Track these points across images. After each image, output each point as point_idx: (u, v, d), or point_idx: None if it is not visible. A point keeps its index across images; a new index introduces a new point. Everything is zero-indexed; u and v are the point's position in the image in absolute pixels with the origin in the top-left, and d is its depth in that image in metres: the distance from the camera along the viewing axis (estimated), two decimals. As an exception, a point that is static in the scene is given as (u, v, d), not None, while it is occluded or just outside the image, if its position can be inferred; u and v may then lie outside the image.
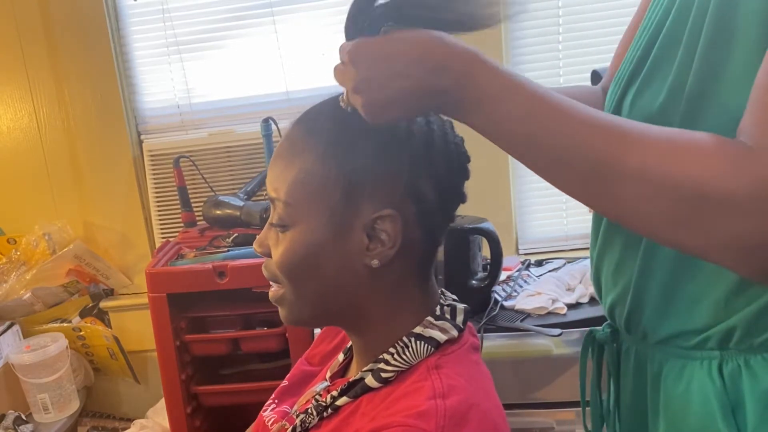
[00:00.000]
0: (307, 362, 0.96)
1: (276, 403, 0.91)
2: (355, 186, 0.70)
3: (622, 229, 0.80)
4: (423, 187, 0.72)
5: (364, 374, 0.75)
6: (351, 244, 0.71)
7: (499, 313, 1.77)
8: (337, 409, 0.77)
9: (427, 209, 0.73)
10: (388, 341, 0.75)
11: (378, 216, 0.70)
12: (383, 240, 0.71)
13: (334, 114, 0.72)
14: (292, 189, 0.72)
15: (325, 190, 0.71)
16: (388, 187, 0.71)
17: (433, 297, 0.79)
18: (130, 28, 2.25)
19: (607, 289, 0.86)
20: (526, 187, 2.26)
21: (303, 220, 0.72)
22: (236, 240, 1.91)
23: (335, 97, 0.75)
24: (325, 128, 0.72)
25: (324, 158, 0.71)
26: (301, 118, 0.75)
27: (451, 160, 0.75)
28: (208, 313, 1.85)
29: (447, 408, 0.67)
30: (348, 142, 0.71)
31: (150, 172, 2.27)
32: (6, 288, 2.16)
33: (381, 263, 0.72)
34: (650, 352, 0.82)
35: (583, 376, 0.98)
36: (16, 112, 2.29)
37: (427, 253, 0.77)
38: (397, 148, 0.71)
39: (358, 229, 0.71)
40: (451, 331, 0.75)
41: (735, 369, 0.73)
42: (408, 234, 0.72)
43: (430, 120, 0.74)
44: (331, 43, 2.18)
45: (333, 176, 0.70)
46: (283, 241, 0.73)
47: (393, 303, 0.75)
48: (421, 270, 0.77)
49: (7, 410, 2.02)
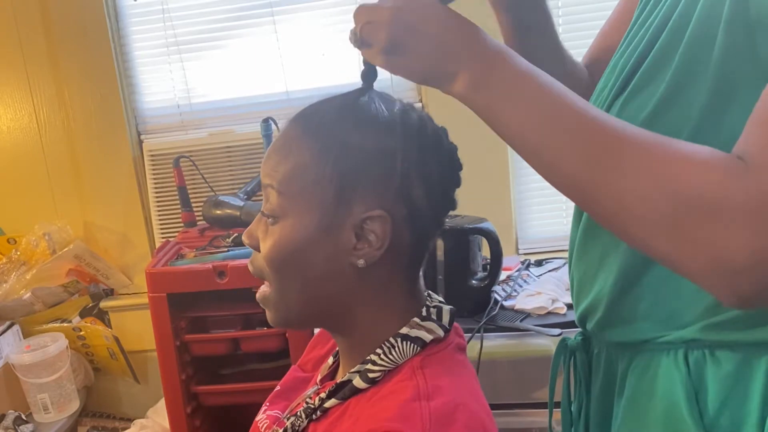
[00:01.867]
0: (300, 369, 0.96)
1: (267, 406, 0.91)
2: (347, 185, 0.71)
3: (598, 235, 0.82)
4: (414, 191, 0.72)
5: (351, 376, 0.75)
6: (339, 243, 0.72)
7: (499, 313, 1.77)
8: (325, 411, 0.77)
9: (417, 213, 0.73)
10: (375, 342, 0.75)
11: (368, 216, 0.71)
12: (371, 240, 0.71)
13: (332, 113, 0.73)
14: (287, 179, 0.72)
15: (318, 187, 0.71)
16: (380, 189, 0.71)
17: (419, 299, 0.79)
18: (130, 28, 2.25)
19: (580, 294, 0.87)
20: (526, 187, 2.26)
21: (293, 214, 0.72)
22: (236, 240, 1.91)
23: (333, 96, 0.76)
24: (322, 127, 0.73)
25: (319, 156, 0.71)
26: (299, 116, 0.75)
27: (443, 167, 0.75)
28: (208, 313, 1.85)
29: (432, 410, 0.67)
30: (344, 143, 0.71)
31: (150, 172, 2.27)
32: (6, 288, 2.16)
33: (367, 263, 0.72)
34: (620, 352, 0.83)
35: (553, 383, 0.99)
36: (16, 112, 2.29)
37: (415, 256, 0.77)
38: (391, 150, 0.71)
39: (347, 228, 0.71)
40: (437, 331, 0.76)
41: (700, 357, 0.74)
42: (396, 236, 0.72)
43: (424, 125, 0.75)
44: (331, 43, 2.18)
45: (327, 174, 0.71)
46: (272, 234, 0.74)
47: (379, 304, 0.75)
48: (408, 272, 0.77)
49: (7, 410, 2.03)
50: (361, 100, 0.74)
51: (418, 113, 0.76)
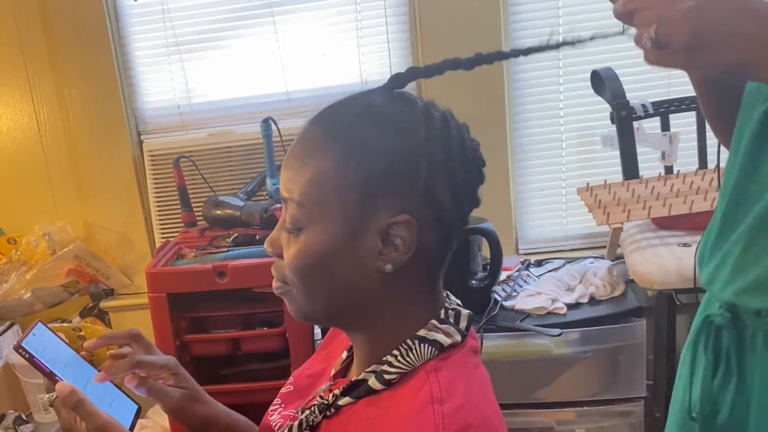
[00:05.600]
0: (303, 376, 0.95)
1: (283, 407, 0.91)
2: (371, 190, 0.69)
3: None
4: (439, 193, 0.71)
5: (367, 375, 0.74)
6: (365, 249, 0.70)
7: (498, 313, 1.78)
8: (338, 408, 0.76)
9: (443, 214, 0.72)
10: (393, 343, 0.74)
11: (393, 221, 0.69)
12: (397, 245, 0.70)
13: (351, 116, 0.71)
14: (307, 191, 0.70)
15: (341, 194, 0.69)
16: (404, 193, 0.70)
17: (439, 300, 0.78)
18: (130, 29, 2.25)
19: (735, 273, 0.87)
20: (526, 187, 2.26)
21: (317, 223, 0.71)
22: (236, 240, 1.91)
23: (351, 97, 0.74)
24: (342, 130, 0.71)
25: (340, 162, 0.69)
26: (317, 119, 0.73)
27: (467, 165, 0.73)
28: (208, 313, 1.85)
29: (445, 414, 0.66)
30: (365, 146, 0.69)
31: (150, 172, 2.27)
32: (6, 288, 2.16)
33: (395, 268, 0.71)
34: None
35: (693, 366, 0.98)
36: (16, 112, 2.29)
37: (440, 257, 0.76)
38: (416, 152, 0.70)
39: (372, 233, 0.70)
40: (455, 335, 0.75)
41: None
42: (423, 239, 0.71)
43: (448, 124, 0.73)
44: (331, 43, 2.18)
45: (349, 180, 0.69)
46: (295, 243, 0.72)
47: (402, 305, 0.74)
48: (432, 273, 0.76)
49: (7, 410, 2.02)
50: (381, 99, 0.72)
51: (441, 111, 0.73)
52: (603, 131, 2.01)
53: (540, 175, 2.25)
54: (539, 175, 2.26)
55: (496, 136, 2.17)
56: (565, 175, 2.24)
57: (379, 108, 0.71)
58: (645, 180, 1.89)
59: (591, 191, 1.90)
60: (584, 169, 2.23)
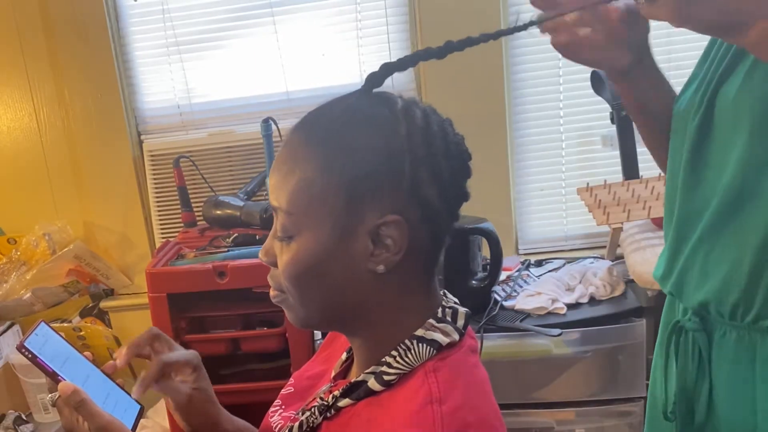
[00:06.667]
0: (304, 378, 0.95)
1: (283, 408, 0.91)
2: (357, 193, 0.70)
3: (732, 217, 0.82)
4: (426, 190, 0.71)
5: (366, 377, 0.75)
6: (356, 251, 0.71)
7: (498, 313, 1.78)
8: (338, 410, 0.77)
9: (431, 211, 0.72)
10: (391, 343, 0.74)
11: (383, 222, 0.70)
12: (388, 245, 0.70)
13: (332, 120, 0.72)
14: (294, 198, 0.71)
15: (327, 199, 0.70)
16: (390, 192, 0.70)
17: (435, 299, 0.78)
18: (130, 28, 2.25)
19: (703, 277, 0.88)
20: (526, 187, 2.26)
21: (306, 229, 0.71)
22: (236, 240, 1.91)
23: (331, 101, 0.74)
24: (324, 135, 0.71)
25: (324, 167, 0.70)
26: (300, 125, 0.74)
27: (452, 160, 0.74)
28: (208, 313, 1.85)
29: (444, 414, 0.67)
30: (348, 149, 0.70)
31: (150, 172, 2.27)
32: (6, 288, 2.16)
33: (387, 269, 0.71)
34: (759, 336, 0.83)
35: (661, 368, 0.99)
36: (16, 112, 2.29)
37: (432, 254, 0.76)
38: (398, 152, 0.70)
39: (362, 235, 0.70)
40: (452, 334, 0.75)
41: None
42: (413, 237, 0.71)
43: (428, 120, 0.73)
44: (331, 43, 2.19)
45: (334, 184, 0.69)
46: (287, 251, 0.73)
47: (397, 306, 0.75)
48: (426, 271, 0.76)
49: (7, 410, 2.03)
50: (360, 101, 0.73)
51: (422, 108, 0.74)
52: (603, 131, 2.01)
53: (540, 175, 2.25)
54: (539, 175, 2.26)
55: (496, 136, 2.17)
56: (565, 175, 2.24)
57: (359, 110, 0.72)
58: (645, 180, 1.89)
59: (591, 191, 1.90)
60: (584, 169, 2.23)
